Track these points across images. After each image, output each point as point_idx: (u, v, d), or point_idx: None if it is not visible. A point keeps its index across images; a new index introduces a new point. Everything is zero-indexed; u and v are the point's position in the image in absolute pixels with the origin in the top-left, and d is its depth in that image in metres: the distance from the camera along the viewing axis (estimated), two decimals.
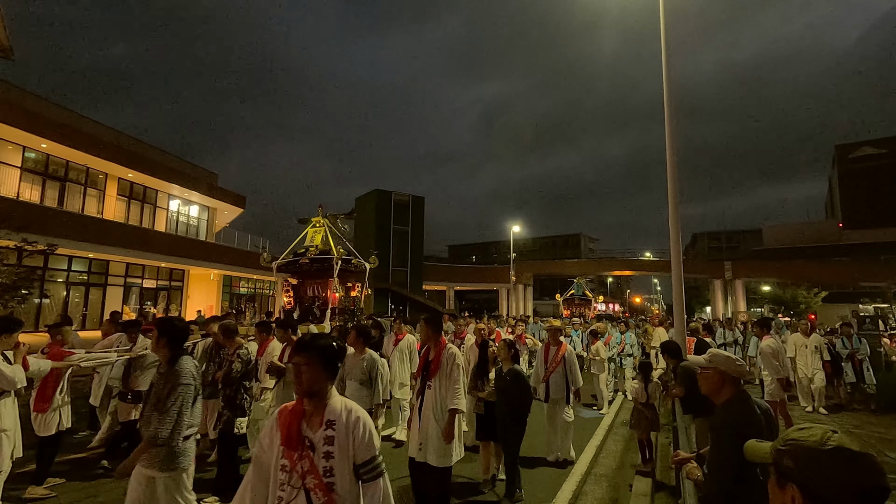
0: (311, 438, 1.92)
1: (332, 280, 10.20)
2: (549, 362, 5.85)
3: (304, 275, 10.95)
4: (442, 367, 4.08)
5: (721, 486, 2.20)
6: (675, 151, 7.02)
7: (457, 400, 3.99)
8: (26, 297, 13.38)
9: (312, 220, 11.36)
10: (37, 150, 17.46)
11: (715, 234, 75.16)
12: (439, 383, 4.06)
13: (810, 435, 1.02)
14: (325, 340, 2.04)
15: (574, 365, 5.80)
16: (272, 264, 10.86)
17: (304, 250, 10.70)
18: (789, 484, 1.01)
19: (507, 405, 4.63)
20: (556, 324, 6.33)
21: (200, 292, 25.07)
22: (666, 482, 5.00)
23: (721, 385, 2.41)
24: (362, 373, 4.66)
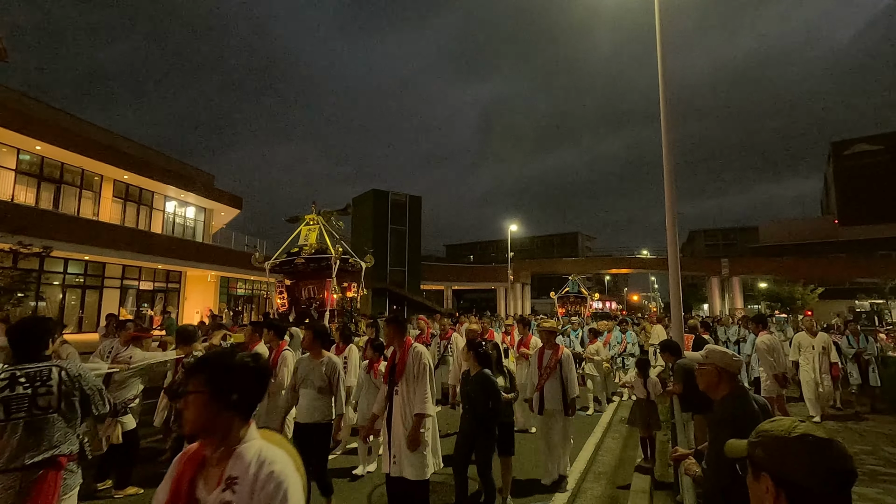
0: (203, 502, 1.37)
1: (331, 280, 9.69)
2: (542, 368, 5.12)
3: (298, 275, 10.44)
4: (407, 368, 3.78)
5: (719, 481, 2.20)
6: (672, 149, 7.03)
7: (423, 403, 3.68)
8: (22, 300, 13.33)
9: (306, 217, 10.82)
10: (31, 152, 17.37)
11: (712, 232, 75.33)
12: (406, 387, 3.77)
13: (779, 426, 1.07)
14: (223, 360, 1.47)
15: (571, 371, 5.10)
16: (265, 264, 10.28)
17: (298, 249, 10.21)
18: (763, 474, 1.05)
19: (471, 413, 4.16)
20: (550, 324, 5.50)
21: (197, 294, 24.98)
22: (665, 479, 5.01)
23: (718, 381, 2.41)
24: (321, 379, 4.08)
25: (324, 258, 9.70)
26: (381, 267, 34.30)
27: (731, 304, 37.73)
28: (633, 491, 4.64)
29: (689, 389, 4.55)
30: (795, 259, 39.12)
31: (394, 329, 3.97)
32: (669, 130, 7.07)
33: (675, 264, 6.73)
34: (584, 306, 20.44)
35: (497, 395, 4.13)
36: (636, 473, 5.16)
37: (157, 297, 23.27)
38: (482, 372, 4.15)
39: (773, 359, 6.63)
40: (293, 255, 10.12)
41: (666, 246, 6.61)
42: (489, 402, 4.04)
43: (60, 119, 18.92)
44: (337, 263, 9.54)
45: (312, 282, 10.30)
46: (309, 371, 4.12)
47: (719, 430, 2.28)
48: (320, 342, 4.29)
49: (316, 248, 10.06)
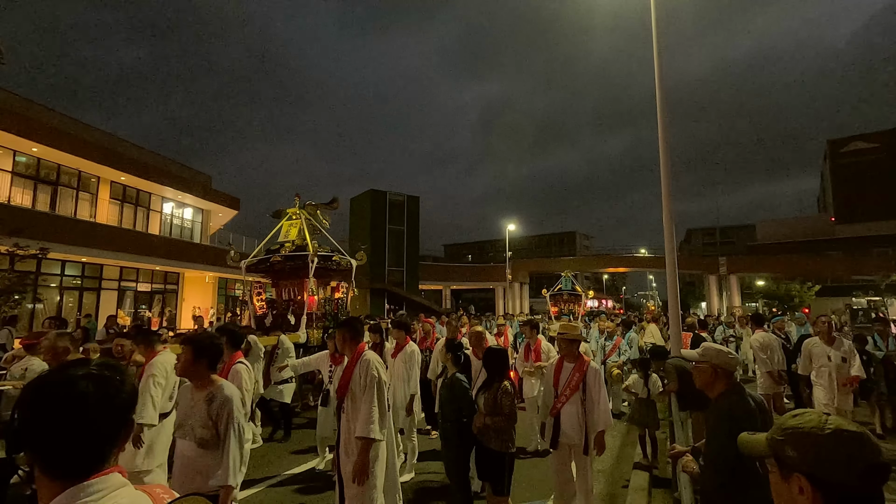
0: None
1: (308, 280, 8.74)
2: (561, 386, 3.91)
3: (277, 275, 9.52)
4: (353, 381, 3.19)
5: (717, 478, 2.22)
6: (669, 148, 7.04)
7: (366, 425, 3.02)
8: (19, 303, 13.30)
9: (288, 211, 9.82)
10: (27, 154, 17.30)
11: (709, 230, 75.48)
12: (351, 404, 3.17)
13: (807, 421, 1.01)
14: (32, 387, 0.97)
15: (600, 391, 3.85)
16: (241, 263, 9.33)
17: (279, 246, 9.29)
18: (794, 474, 0.99)
19: (441, 417, 3.90)
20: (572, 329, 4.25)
21: (196, 295, 24.93)
22: (664, 476, 5.04)
23: (714, 379, 2.42)
24: (203, 424, 2.58)
25: (302, 256, 8.77)
26: (380, 267, 34.33)
27: (729, 303, 37.85)
28: (632, 488, 4.66)
29: (685, 387, 4.58)
30: (792, 257, 39.28)
31: (344, 334, 3.41)
32: (666, 129, 7.08)
33: (672, 263, 6.73)
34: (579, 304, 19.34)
35: (469, 404, 3.72)
36: (635, 471, 5.18)
37: (155, 299, 23.21)
38: (455, 376, 3.88)
39: (766, 356, 6.66)
40: (272, 253, 9.21)
41: (663, 244, 6.62)
42: (461, 411, 3.68)
43: (57, 121, 18.83)
44: (315, 261, 8.60)
45: (292, 282, 9.38)
46: (187, 410, 2.69)
47: (716, 427, 2.30)
48: (207, 362, 2.73)
49: (297, 245, 9.08)
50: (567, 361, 4.02)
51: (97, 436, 0.96)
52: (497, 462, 3.52)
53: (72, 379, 0.95)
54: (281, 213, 9.97)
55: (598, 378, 3.90)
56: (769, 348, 6.69)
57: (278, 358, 6.81)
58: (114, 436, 0.99)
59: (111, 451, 0.99)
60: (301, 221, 9.48)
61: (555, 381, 3.98)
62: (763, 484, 2.19)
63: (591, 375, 3.88)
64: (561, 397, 3.88)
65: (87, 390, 0.95)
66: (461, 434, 3.66)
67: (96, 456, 0.96)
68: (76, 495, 0.90)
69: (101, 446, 0.97)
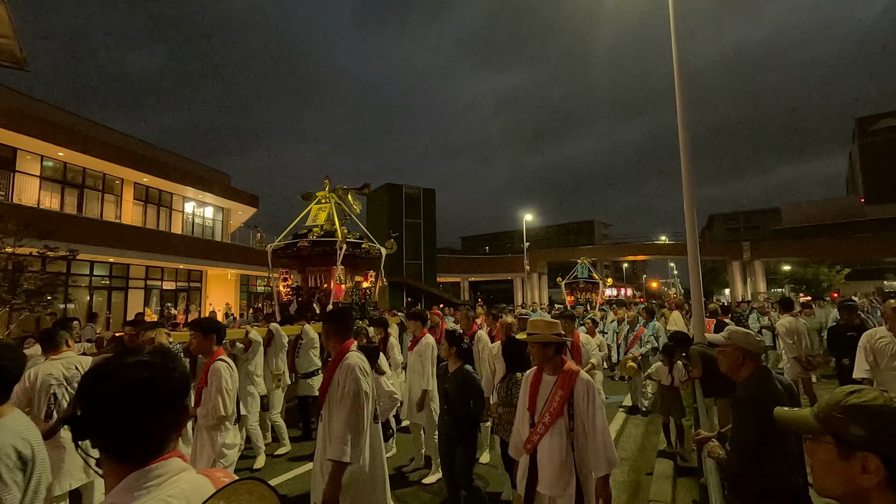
0: None
1: (336, 268, 8.37)
2: (538, 411, 2.76)
3: (304, 261, 9.11)
4: (331, 387, 2.76)
5: (744, 462, 2.19)
6: (689, 133, 6.91)
7: (339, 445, 2.55)
8: (51, 303, 13.76)
9: (317, 194, 9.32)
10: (54, 158, 17.80)
11: (732, 216, 73.92)
12: (328, 415, 2.76)
13: (872, 399, 0.97)
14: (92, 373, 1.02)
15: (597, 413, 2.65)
16: (267, 248, 9.04)
17: (307, 231, 8.88)
18: (860, 453, 0.95)
19: (450, 414, 3.65)
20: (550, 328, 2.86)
21: (219, 292, 25.45)
22: (689, 464, 4.98)
23: (741, 362, 2.38)
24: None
25: (330, 241, 8.41)
26: (397, 260, 34.51)
27: (754, 289, 37.03)
28: (657, 476, 4.62)
29: (709, 374, 4.51)
30: (820, 240, 38.12)
31: (328, 327, 2.97)
32: (685, 114, 6.95)
33: (694, 249, 6.62)
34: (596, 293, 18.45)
35: (480, 395, 3.63)
36: (659, 458, 5.13)
37: (179, 297, 23.78)
38: (463, 368, 3.68)
39: (793, 341, 6.54)
40: (300, 237, 8.80)
41: (684, 231, 6.50)
42: (470, 403, 3.54)
43: (81, 125, 19.34)
44: (343, 248, 8.22)
45: (319, 269, 8.95)
46: None
47: (742, 411, 2.27)
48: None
49: (326, 230, 8.67)
50: (546, 373, 2.80)
51: (157, 420, 0.99)
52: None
53: (128, 366, 0.99)
54: (310, 195, 9.51)
55: (591, 396, 2.65)
56: (796, 333, 6.57)
57: (302, 349, 6.54)
58: (172, 420, 1.03)
59: (171, 436, 1.02)
60: (330, 206, 9.04)
61: (529, 403, 2.80)
62: (792, 467, 2.16)
63: (581, 393, 2.65)
64: (538, 426, 2.70)
65: (144, 375, 0.98)
66: (472, 431, 3.56)
67: (157, 440, 0.99)
68: (139, 479, 0.94)
69: (161, 430, 1.00)
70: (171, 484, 0.95)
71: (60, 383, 3.45)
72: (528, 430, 2.78)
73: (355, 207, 9.49)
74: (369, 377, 2.83)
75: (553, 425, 2.67)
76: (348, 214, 9.33)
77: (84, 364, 3.61)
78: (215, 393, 3.24)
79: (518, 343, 3.63)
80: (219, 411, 3.22)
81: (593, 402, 2.66)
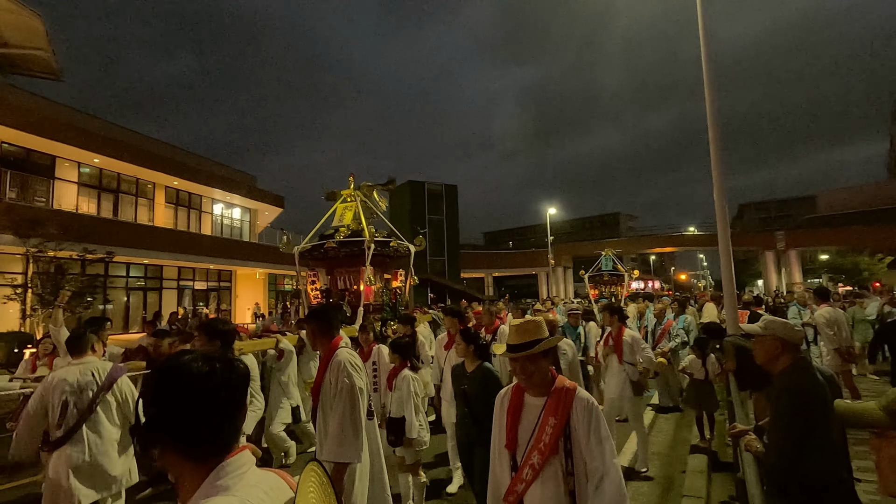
0: None
1: (364, 269, 8.00)
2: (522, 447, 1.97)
3: (332, 262, 8.81)
4: (324, 385, 2.66)
5: (783, 455, 2.11)
6: (717, 120, 6.72)
7: (336, 445, 2.48)
8: (91, 304, 14.35)
9: (342, 193, 8.94)
10: (90, 165, 18.52)
11: (763, 204, 71.53)
12: (322, 414, 2.67)
13: None
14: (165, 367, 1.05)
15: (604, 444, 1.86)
16: (294, 250, 8.74)
17: (333, 231, 8.58)
18: None
19: (471, 417, 3.28)
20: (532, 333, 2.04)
21: (248, 291, 26.07)
22: (723, 459, 4.86)
23: (778, 353, 2.30)
24: None
25: (358, 241, 8.05)
26: (421, 257, 34.61)
27: (789, 279, 35.81)
28: (691, 471, 4.52)
29: (744, 366, 4.37)
30: (860, 227, 36.48)
31: (312, 326, 2.86)
32: (714, 100, 6.76)
33: (725, 239, 6.45)
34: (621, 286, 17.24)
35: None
36: (692, 454, 5.02)
37: (210, 296, 24.45)
38: (483, 366, 3.43)
39: (833, 332, 6.31)
40: (326, 239, 8.51)
41: (714, 221, 6.32)
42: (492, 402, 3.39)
43: (114, 132, 20.05)
44: (371, 248, 7.86)
45: (348, 270, 8.66)
46: None
47: (782, 403, 2.19)
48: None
49: (353, 230, 8.35)
50: (530, 394, 2.03)
51: (227, 413, 1.00)
52: None
53: (189, 362, 0.99)
54: (335, 194, 9.12)
55: (596, 423, 1.88)
56: (836, 324, 6.34)
57: None
58: (239, 413, 1.03)
59: (240, 428, 1.04)
60: (356, 204, 8.66)
61: (508, 437, 2.00)
62: (836, 461, 2.07)
63: (581, 420, 1.88)
64: (523, 470, 1.92)
65: (207, 369, 0.98)
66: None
67: (230, 434, 1.00)
68: (222, 473, 0.94)
69: (232, 423, 1.01)
70: (252, 474, 0.97)
71: (73, 391, 3.10)
72: (510, 475, 1.96)
73: (381, 204, 9.20)
74: (361, 372, 2.72)
75: (544, 468, 1.88)
76: (375, 212, 9.03)
77: (103, 370, 3.28)
78: None
79: None
80: None
81: (598, 432, 1.85)
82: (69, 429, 3.05)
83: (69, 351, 3.49)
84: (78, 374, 3.19)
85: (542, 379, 2.01)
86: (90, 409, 3.12)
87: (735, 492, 3.94)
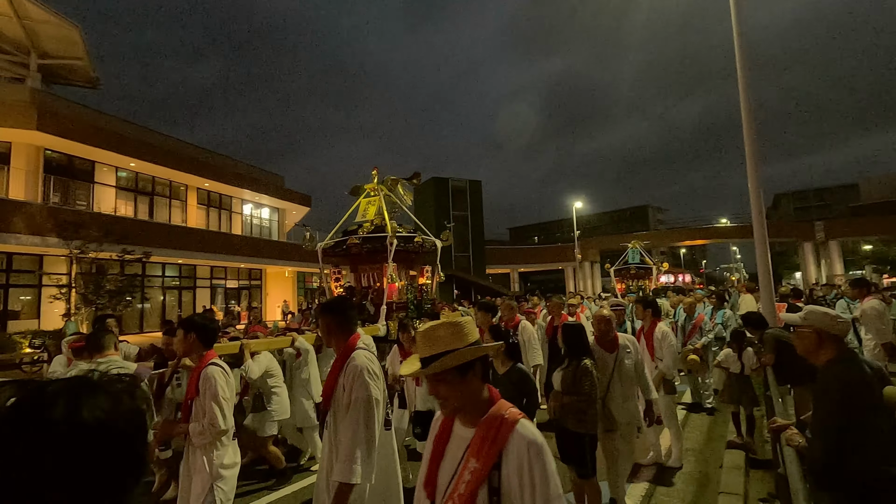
0: None
1: (388, 265, 7.70)
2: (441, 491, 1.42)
3: (355, 259, 8.51)
4: (336, 392, 2.39)
5: (828, 450, 2.03)
6: (752, 106, 6.50)
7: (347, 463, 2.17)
8: (130, 303, 14.93)
9: (366, 188, 8.63)
10: (127, 169, 19.24)
11: (801, 193, 68.72)
12: (334, 423, 2.39)
13: None
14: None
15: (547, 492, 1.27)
16: (317, 248, 8.49)
17: (357, 227, 8.35)
18: None
19: None
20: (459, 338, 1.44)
21: (277, 289, 26.65)
22: (761, 456, 4.71)
23: (819, 345, 2.20)
24: None
25: (380, 237, 7.75)
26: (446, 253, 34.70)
27: (829, 271, 34.32)
28: (727, 467, 4.39)
29: (784, 360, 4.22)
30: None
31: (328, 321, 2.52)
32: (748, 87, 6.53)
33: (761, 230, 6.24)
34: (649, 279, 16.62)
35: (534, 393, 3.21)
36: (728, 450, 4.88)
37: (242, 294, 25.10)
38: (517, 367, 3.16)
39: (884, 325, 6.04)
40: (350, 234, 8.26)
41: (747, 212, 6.10)
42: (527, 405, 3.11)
43: (149, 137, 20.77)
44: (394, 243, 7.51)
45: (372, 267, 8.32)
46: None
47: (827, 396, 2.10)
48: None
49: (377, 225, 8.06)
50: (460, 423, 1.49)
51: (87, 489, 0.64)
52: (577, 443, 3.23)
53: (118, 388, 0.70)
54: (358, 189, 8.83)
55: (539, 471, 1.29)
56: (884, 316, 6.06)
57: None
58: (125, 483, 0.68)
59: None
60: (380, 199, 8.34)
61: (427, 475, 1.50)
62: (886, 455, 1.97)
63: (516, 466, 1.31)
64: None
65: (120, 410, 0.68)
66: None
67: None
68: None
69: None
70: None
71: None
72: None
73: (406, 199, 8.86)
74: (380, 380, 2.42)
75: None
76: (399, 207, 8.74)
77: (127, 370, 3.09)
78: (210, 403, 2.62)
79: (577, 327, 3.50)
80: (217, 424, 2.62)
81: (544, 490, 1.27)
82: None
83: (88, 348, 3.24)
84: None
85: (470, 404, 1.43)
86: None
87: (774, 488, 3.81)
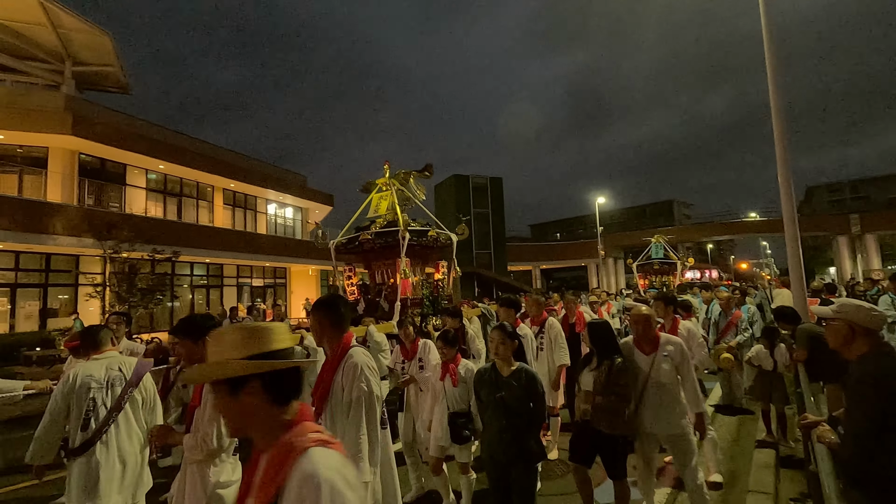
0: None
1: (400, 260, 7.44)
2: None
3: (369, 256, 8.31)
4: (333, 390, 2.32)
5: (861, 447, 1.97)
6: (781, 97, 6.30)
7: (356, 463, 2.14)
8: (160, 301, 15.41)
9: (377, 182, 8.42)
10: (156, 171, 19.83)
11: (835, 186, 66.25)
12: (330, 422, 2.30)
13: None
14: None
15: None
16: (329, 244, 8.32)
17: (369, 223, 8.19)
18: None
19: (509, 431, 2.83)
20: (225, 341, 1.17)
21: (301, 287, 27.09)
22: (792, 454, 4.59)
23: (852, 338, 2.14)
24: None
25: (392, 232, 7.53)
26: (467, 250, 34.75)
27: (866, 266, 33.03)
28: (757, 466, 4.30)
29: (818, 356, 4.09)
30: None
31: (324, 319, 2.42)
32: (776, 77, 6.33)
33: (792, 223, 6.05)
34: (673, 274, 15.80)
35: (542, 398, 2.93)
36: (758, 448, 4.77)
37: (267, 292, 25.59)
38: (525, 369, 2.94)
39: None
40: (362, 230, 8.08)
41: (778, 205, 5.92)
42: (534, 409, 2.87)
43: (176, 139, 21.39)
44: (406, 238, 7.29)
45: (385, 263, 8.13)
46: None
47: (860, 392, 2.04)
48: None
49: (389, 220, 7.85)
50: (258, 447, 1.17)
51: None
52: (609, 444, 3.18)
53: None
54: (370, 185, 8.64)
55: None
56: None
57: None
58: None
59: None
60: (391, 193, 8.14)
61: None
62: None
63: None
64: None
65: None
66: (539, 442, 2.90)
67: None
68: None
69: None
70: None
71: (101, 386, 2.87)
72: None
73: (419, 193, 8.61)
74: (378, 377, 2.39)
75: None
76: (412, 200, 8.47)
77: (128, 365, 3.04)
78: (208, 419, 2.35)
79: (603, 325, 3.45)
80: (209, 442, 2.32)
81: None
82: (97, 428, 2.82)
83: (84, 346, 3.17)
84: (104, 368, 2.95)
85: (252, 428, 1.16)
86: (118, 407, 2.88)
87: (806, 488, 3.71)
